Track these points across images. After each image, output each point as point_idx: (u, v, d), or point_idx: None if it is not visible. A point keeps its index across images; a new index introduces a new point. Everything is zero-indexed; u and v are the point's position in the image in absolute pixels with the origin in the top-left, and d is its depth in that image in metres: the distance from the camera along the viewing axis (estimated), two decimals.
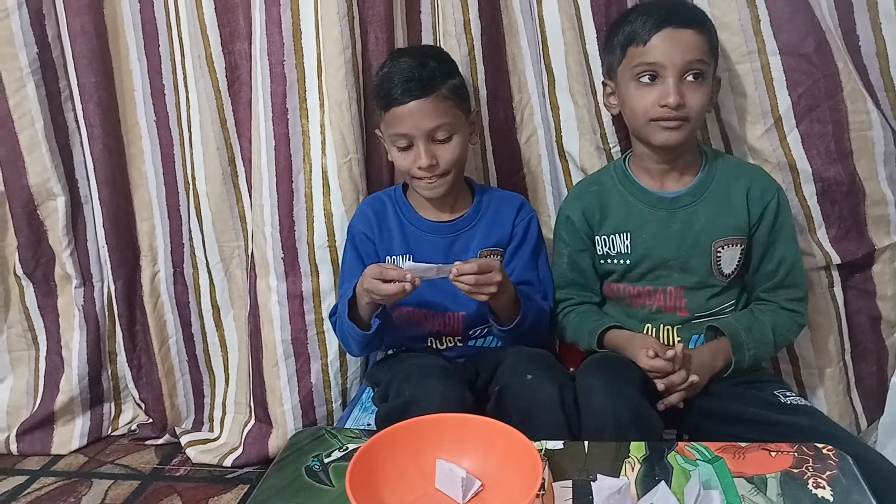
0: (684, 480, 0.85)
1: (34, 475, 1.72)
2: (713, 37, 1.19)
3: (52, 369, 1.85)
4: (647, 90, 1.17)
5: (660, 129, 1.18)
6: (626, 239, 1.25)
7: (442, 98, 1.22)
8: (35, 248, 1.78)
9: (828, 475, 0.85)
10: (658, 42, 1.15)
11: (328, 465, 0.94)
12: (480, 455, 0.88)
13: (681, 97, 1.14)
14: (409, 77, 1.20)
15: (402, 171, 1.28)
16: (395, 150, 1.26)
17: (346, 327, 1.25)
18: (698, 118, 1.18)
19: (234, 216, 1.67)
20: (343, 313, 1.25)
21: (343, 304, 1.25)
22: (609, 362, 1.14)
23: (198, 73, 1.57)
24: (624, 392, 1.04)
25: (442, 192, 1.27)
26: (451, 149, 1.24)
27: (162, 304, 1.79)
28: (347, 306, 1.24)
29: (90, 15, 1.58)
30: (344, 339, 1.32)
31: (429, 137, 1.22)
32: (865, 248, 1.33)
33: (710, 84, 1.17)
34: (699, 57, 1.14)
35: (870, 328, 1.39)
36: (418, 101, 1.20)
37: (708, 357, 1.17)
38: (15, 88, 1.64)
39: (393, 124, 1.23)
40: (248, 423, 1.70)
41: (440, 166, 1.23)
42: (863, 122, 1.25)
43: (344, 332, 1.28)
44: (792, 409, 1.10)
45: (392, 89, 1.21)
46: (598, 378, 1.08)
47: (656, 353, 1.10)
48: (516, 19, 1.43)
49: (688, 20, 1.15)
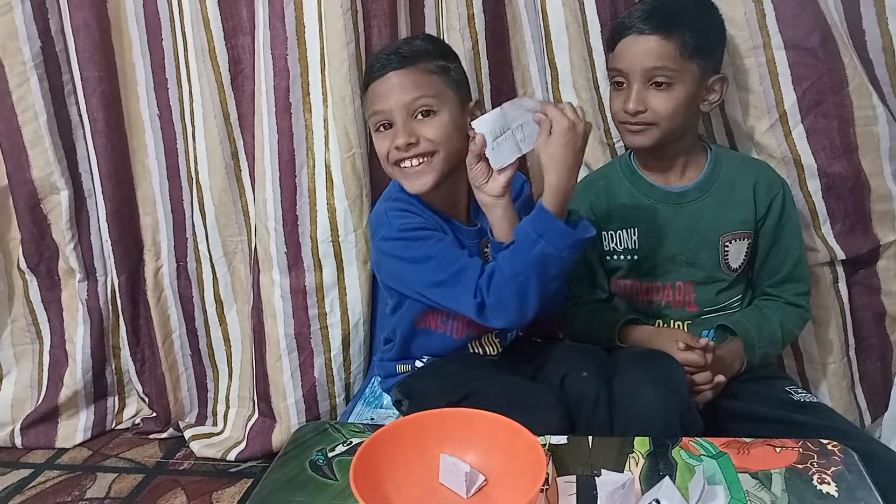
0: (689, 476, 0.85)
1: (39, 468, 1.72)
2: (699, 36, 1.13)
3: (56, 363, 1.85)
4: (617, 94, 1.19)
5: (627, 133, 1.20)
6: (634, 234, 1.25)
7: (426, 72, 1.10)
8: (38, 242, 1.78)
9: (832, 471, 0.84)
10: (622, 48, 1.17)
11: (332, 459, 0.94)
12: (484, 450, 0.87)
13: (641, 103, 1.14)
14: (392, 51, 1.13)
15: (382, 159, 1.15)
16: (376, 136, 1.14)
17: (557, 243, 0.99)
18: (669, 122, 1.15)
19: (238, 210, 1.67)
20: (560, 229, 0.99)
21: (542, 228, 0.99)
22: (652, 358, 1.11)
23: (201, 67, 1.57)
24: (673, 390, 1.03)
25: (428, 183, 1.11)
26: (435, 126, 1.10)
27: (165, 299, 1.79)
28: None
29: (93, 9, 1.58)
30: (542, 277, 1.01)
31: (408, 112, 1.09)
32: (870, 243, 1.32)
33: (683, 88, 1.14)
34: (662, 64, 1.12)
35: (874, 324, 1.39)
36: (397, 72, 1.09)
37: (728, 359, 1.17)
38: (18, 82, 1.64)
39: (371, 102, 1.13)
40: (251, 418, 1.71)
41: (420, 144, 1.09)
42: (868, 118, 1.25)
43: (546, 264, 1.00)
44: (806, 407, 1.11)
45: (373, 64, 1.13)
46: (645, 375, 1.05)
47: (688, 345, 1.10)
48: (520, 14, 1.42)
49: (655, 26, 1.12)
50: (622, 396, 1.05)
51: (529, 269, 1.01)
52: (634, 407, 1.02)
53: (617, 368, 1.10)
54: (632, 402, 1.03)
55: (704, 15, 1.18)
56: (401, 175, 1.14)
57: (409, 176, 1.13)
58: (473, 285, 1.06)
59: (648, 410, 1.01)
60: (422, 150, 1.10)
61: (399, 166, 1.13)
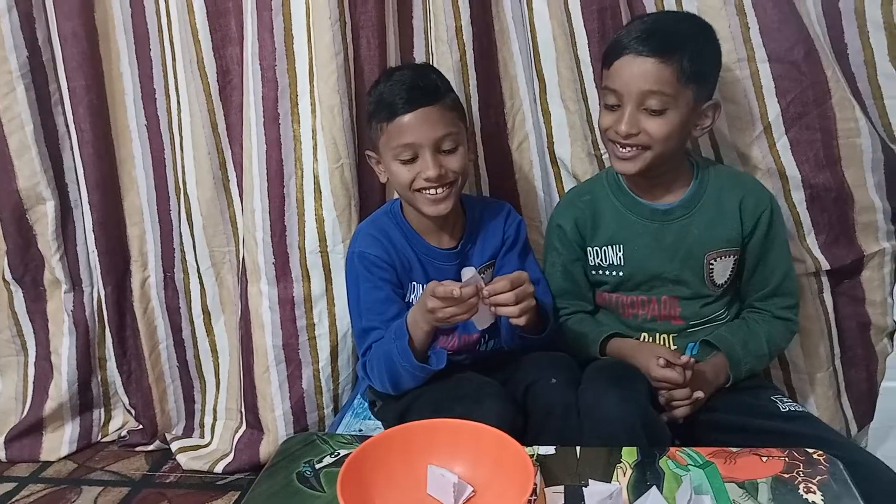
0: (676, 485, 0.85)
1: (23, 482, 1.70)
2: (697, 63, 1.10)
3: (41, 375, 1.83)
4: (609, 112, 1.17)
5: (616, 158, 1.18)
6: (619, 251, 1.24)
7: (447, 107, 1.19)
8: (24, 252, 1.77)
9: (818, 480, 0.85)
10: (618, 68, 1.13)
11: (319, 470, 0.94)
12: (472, 461, 0.88)
13: (634, 126, 1.12)
14: (413, 86, 1.17)
15: (403, 185, 1.20)
16: (397, 163, 1.19)
17: (405, 363, 1.12)
18: (662, 146, 1.13)
19: (225, 221, 1.67)
20: (402, 348, 1.12)
21: (399, 339, 1.13)
22: (616, 370, 1.13)
23: (189, 78, 1.57)
24: (635, 400, 1.04)
25: (449, 207, 1.20)
26: (457, 160, 1.19)
27: (152, 310, 1.77)
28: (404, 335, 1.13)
29: (81, 18, 1.57)
30: (394, 378, 1.16)
31: (436, 147, 1.17)
32: (854, 254, 1.34)
33: (677, 114, 1.11)
34: (658, 88, 1.09)
35: (859, 334, 1.40)
36: (424, 109, 1.16)
37: (711, 375, 1.17)
38: (4, 92, 1.63)
39: (397, 135, 1.17)
40: (238, 429, 1.70)
41: (447, 175, 1.18)
42: (851, 130, 1.26)
43: (395, 370, 1.14)
44: (791, 417, 1.11)
45: (395, 99, 1.17)
46: (607, 386, 1.07)
47: (668, 361, 1.10)
48: (508, 25, 1.43)
49: (653, 48, 1.09)
50: (585, 406, 1.07)
51: (383, 362, 1.17)
52: (597, 417, 1.04)
53: (582, 379, 1.12)
54: (595, 412, 1.05)
55: (704, 40, 1.15)
56: (422, 200, 1.21)
57: (432, 202, 1.20)
58: (365, 346, 1.24)
59: (611, 420, 1.02)
60: (448, 181, 1.19)
61: (421, 192, 1.20)
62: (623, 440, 0.99)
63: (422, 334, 1.13)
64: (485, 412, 1.01)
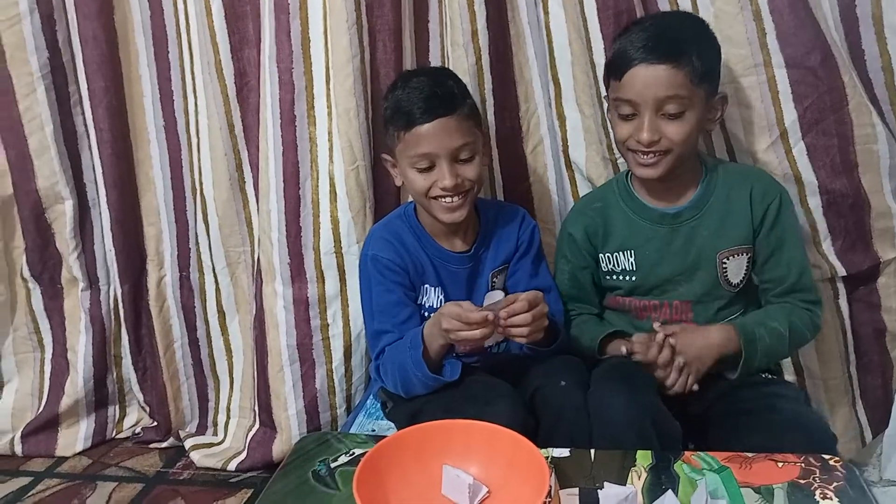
0: (691, 490, 0.85)
1: (38, 477, 1.72)
2: (705, 61, 1.12)
3: (58, 372, 1.85)
4: (625, 123, 1.17)
5: (637, 164, 1.18)
6: (630, 256, 1.25)
7: (465, 117, 1.18)
8: (42, 251, 1.79)
9: (835, 486, 0.85)
10: (631, 79, 1.12)
11: (335, 469, 0.95)
12: (487, 461, 0.88)
13: (656, 133, 1.13)
14: (431, 94, 1.17)
15: (419, 192, 1.21)
16: (413, 171, 1.20)
17: (418, 373, 1.14)
18: (682, 147, 1.14)
19: (241, 221, 1.68)
20: (416, 359, 1.13)
21: (414, 349, 1.14)
22: (623, 370, 1.13)
23: (206, 79, 1.58)
24: (642, 400, 1.04)
25: (464, 215, 1.21)
26: (474, 168, 1.20)
27: (168, 308, 1.79)
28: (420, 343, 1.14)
29: (100, 20, 1.60)
30: (406, 385, 1.18)
31: (453, 157, 1.17)
32: (871, 260, 1.33)
33: (694, 114, 1.13)
34: (674, 93, 1.10)
35: (875, 340, 1.39)
36: (442, 120, 1.15)
37: (698, 336, 1.15)
38: (25, 93, 1.65)
39: (415, 144, 1.17)
40: (252, 428, 1.71)
41: (464, 184, 1.18)
42: (868, 136, 1.26)
43: (408, 378, 1.16)
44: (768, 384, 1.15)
45: (413, 108, 1.16)
46: (615, 387, 1.07)
47: (629, 349, 1.13)
48: (523, 29, 1.43)
49: (664, 54, 1.10)
50: (594, 409, 1.07)
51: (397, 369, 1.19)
52: (606, 419, 1.04)
53: (591, 381, 1.13)
54: (603, 415, 1.05)
55: (706, 37, 1.16)
56: (437, 207, 1.21)
57: (447, 210, 1.21)
58: (378, 349, 1.25)
59: (620, 423, 1.02)
60: (465, 189, 1.20)
61: (437, 200, 1.20)
62: (633, 442, 0.99)
63: (437, 347, 1.14)
64: (496, 414, 1.01)
